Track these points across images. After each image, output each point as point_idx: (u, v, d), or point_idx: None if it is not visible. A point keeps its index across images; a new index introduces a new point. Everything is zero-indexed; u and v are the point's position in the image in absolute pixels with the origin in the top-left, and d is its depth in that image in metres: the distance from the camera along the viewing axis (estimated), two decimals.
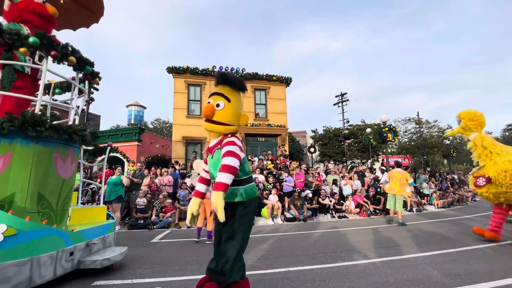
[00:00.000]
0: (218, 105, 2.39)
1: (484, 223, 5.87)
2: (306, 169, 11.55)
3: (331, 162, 15.82)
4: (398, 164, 8.29)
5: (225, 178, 2.07)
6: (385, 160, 13.58)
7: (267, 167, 11.48)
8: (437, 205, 11.92)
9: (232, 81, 2.44)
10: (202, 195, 2.57)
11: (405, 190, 7.61)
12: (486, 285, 2.91)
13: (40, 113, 3.00)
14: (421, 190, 12.34)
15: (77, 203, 4.51)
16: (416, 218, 8.85)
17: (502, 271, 3.32)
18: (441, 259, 3.96)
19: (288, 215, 8.88)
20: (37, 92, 3.34)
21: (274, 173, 10.76)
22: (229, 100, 2.41)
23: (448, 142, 24.03)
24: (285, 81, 17.39)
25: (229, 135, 2.42)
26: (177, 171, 10.29)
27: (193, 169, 10.13)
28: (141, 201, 8.01)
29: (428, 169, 20.72)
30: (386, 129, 13.23)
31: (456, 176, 16.39)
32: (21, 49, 2.88)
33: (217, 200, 1.99)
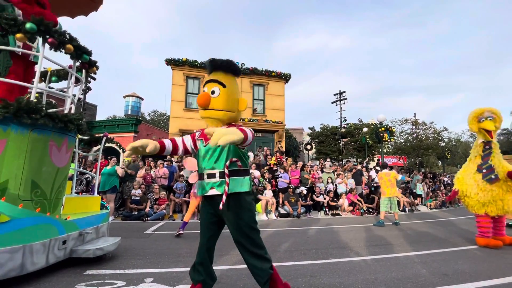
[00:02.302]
0: (213, 92, 2.22)
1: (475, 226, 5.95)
2: (301, 166, 11.60)
3: (328, 160, 15.92)
4: (384, 166, 8.32)
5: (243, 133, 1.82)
6: (380, 160, 13.68)
7: (268, 163, 11.46)
8: (430, 206, 12.08)
9: (225, 65, 2.26)
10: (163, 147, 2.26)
11: (396, 190, 7.71)
12: (472, 285, 2.97)
13: (35, 100, 2.98)
14: (414, 191, 12.49)
15: (71, 192, 4.50)
16: (408, 218, 8.97)
17: (489, 272, 3.39)
18: (430, 258, 4.03)
19: (282, 211, 8.94)
20: (33, 79, 3.31)
21: (274, 169, 10.78)
22: (224, 86, 2.25)
23: (443, 144, 24.24)
24: (284, 78, 17.36)
25: (234, 124, 2.29)
26: (173, 164, 10.27)
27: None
28: (136, 192, 8.01)
29: (423, 170, 20.92)
30: (383, 129, 13.33)
31: (446, 179, 16.58)
32: (18, 35, 2.84)
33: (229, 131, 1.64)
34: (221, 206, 2.04)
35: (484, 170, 4.77)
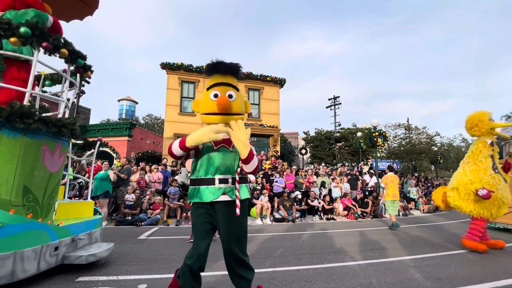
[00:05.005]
0: (230, 96, 2.20)
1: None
2: (296, 170, 11.62)
3: (322, 164, 15.99)
4: (391, 168, 8.30)
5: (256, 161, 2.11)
6: (373, 164, 13.77)
7: (264, 168, 11.47)
8: (423, 210, 12.18)
9: (235, 69, 2.27)
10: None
11: (398, 193, 7.85)
12: None
13: (28, 104, 2.95)
14: (408, 195, 12.59)
15: (64, 198, 4.45)
16: (402, 222, 9.02)
17: (481, 276, 3.43)
18: (424, 262, 4.06)
19: (277, 215, 8.93)
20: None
21: (269, 174, 10.78)
22: (238, 90, 2.28)
23: (435, 149, 24.53)
24: (279, 82, 17.47)
25: None
26: (168, 169, 10.20)
27: (183, 167, 9.97)
28: (129, 197, 7.93)
29: (416, 174, 21.13)
30: (376, 133, 13.44)
31: (438, 183, 16.75)
32: (12, 39, 2.82)
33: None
34: (238, 212, 2.06)
35: (496, 170, 4.76)
